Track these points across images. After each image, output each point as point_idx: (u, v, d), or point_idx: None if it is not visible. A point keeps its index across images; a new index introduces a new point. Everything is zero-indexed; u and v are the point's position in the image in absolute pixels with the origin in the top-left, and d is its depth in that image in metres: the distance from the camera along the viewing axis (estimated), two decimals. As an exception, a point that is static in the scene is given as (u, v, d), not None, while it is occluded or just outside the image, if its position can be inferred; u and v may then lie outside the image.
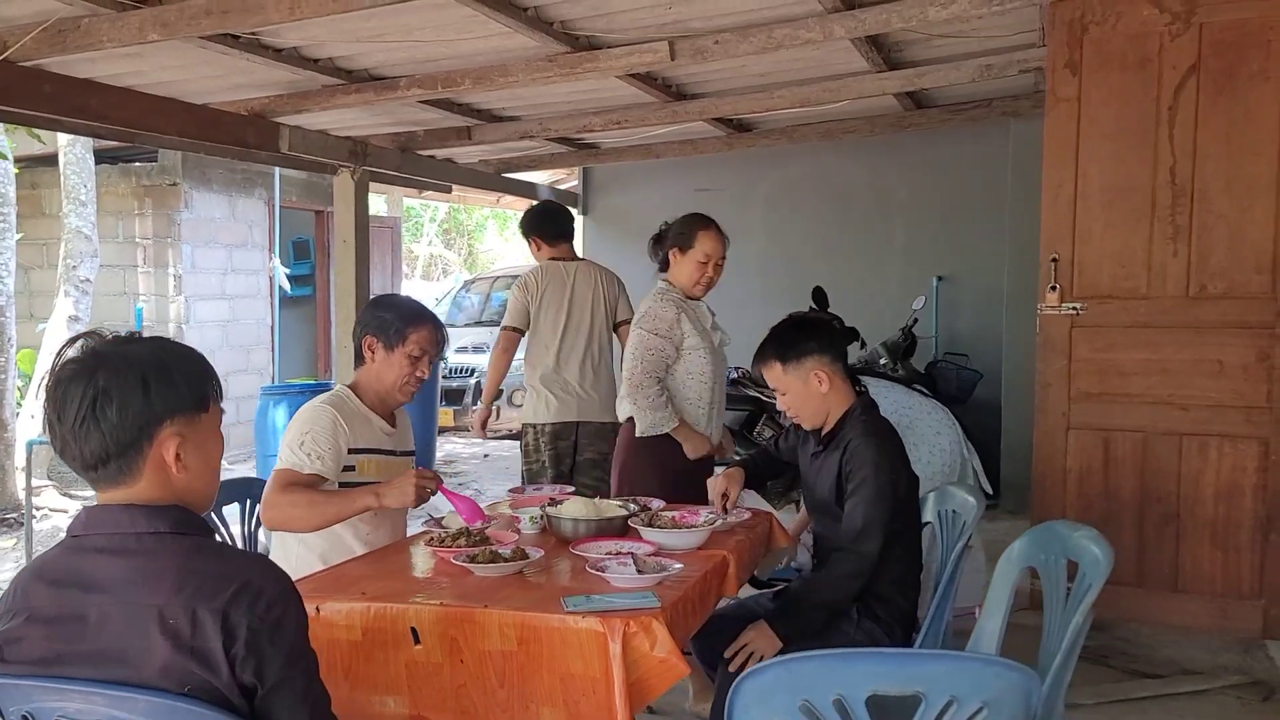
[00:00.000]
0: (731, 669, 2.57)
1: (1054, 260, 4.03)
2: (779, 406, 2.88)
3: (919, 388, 5.00)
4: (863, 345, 6.59)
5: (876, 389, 4.28)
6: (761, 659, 2.55)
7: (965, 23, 4.44)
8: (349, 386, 2.88)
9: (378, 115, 5.64)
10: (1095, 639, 3.95)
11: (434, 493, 2.64)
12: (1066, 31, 3.95)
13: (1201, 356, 3.91)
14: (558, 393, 4.49)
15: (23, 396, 7.74)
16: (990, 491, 4.64)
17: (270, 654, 1.47)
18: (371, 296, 4.34)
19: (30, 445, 6.41)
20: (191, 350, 1.63)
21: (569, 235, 4.78)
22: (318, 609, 2.16)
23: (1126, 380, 4.01)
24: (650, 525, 2.65)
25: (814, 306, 5.81)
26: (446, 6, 3.75)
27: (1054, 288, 4.03)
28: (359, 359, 2.87)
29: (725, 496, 2.96)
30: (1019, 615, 3.55)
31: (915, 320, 6.75)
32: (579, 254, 4.98)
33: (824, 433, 2.83)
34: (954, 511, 2.88)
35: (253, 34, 4.07)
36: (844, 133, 6.87)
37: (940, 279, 7.52)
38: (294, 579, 1.60)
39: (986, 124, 6.76)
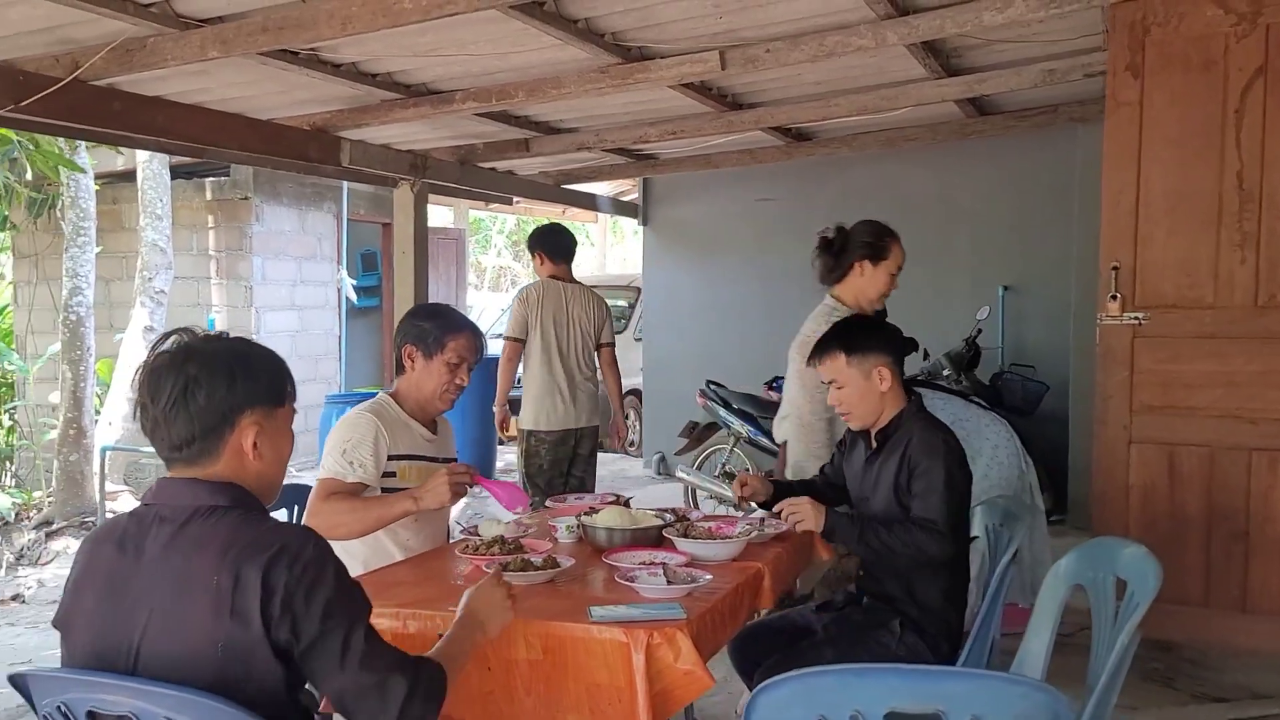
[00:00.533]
0: (782, 516, 2.67)
1: (1115, 268, 3.92)
2: (830, 400, 2.84)
3: (977, 400, 4.89)
4: (925, 356, 6.48)
5: (932, 400, 4.20)
6: (798, 526, 2.66)
7: (1025, 27, 4.34)
8: (390, 395, 2.92)
9: (438, 129, 5.72)
10: (1160, 660, 3.83)
11: (471, 485, 2.65)
12: (1128, 34, 3.85)
13: (1271, 368, 3.76)
14: (558, 403, 4.90)
15: (101, 404, 8.00)
16: (1045, 506, 4.52)
17: (304, 611, 1.57)
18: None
19: (105, 451, 6.63)
20: (272, 351, 1.81)
21: (570, 258, 5.15)
22: (349, 615, 2.19)
23: (1191, 393, 3.88)
24: (685, 536, 2.63)
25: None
26: (498, 20, 3.79)
27: (1115, 297, 3.92)
28: (399, 368, 2.91)
29: (745, 485, 2.94)
30: (1083, 635, 3.46)
31: (979, 331, 6.62)
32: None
33: (875, 432, 2.80)
34: (1001, 525, 2.81)
35: (311, 50, 4.17)
36: (905, 140, 6.78)
37: (1006, 289, 7.36)
38: None
39: (1053, 130, 6.60)
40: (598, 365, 5.12)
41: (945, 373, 6.40)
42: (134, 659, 1.60)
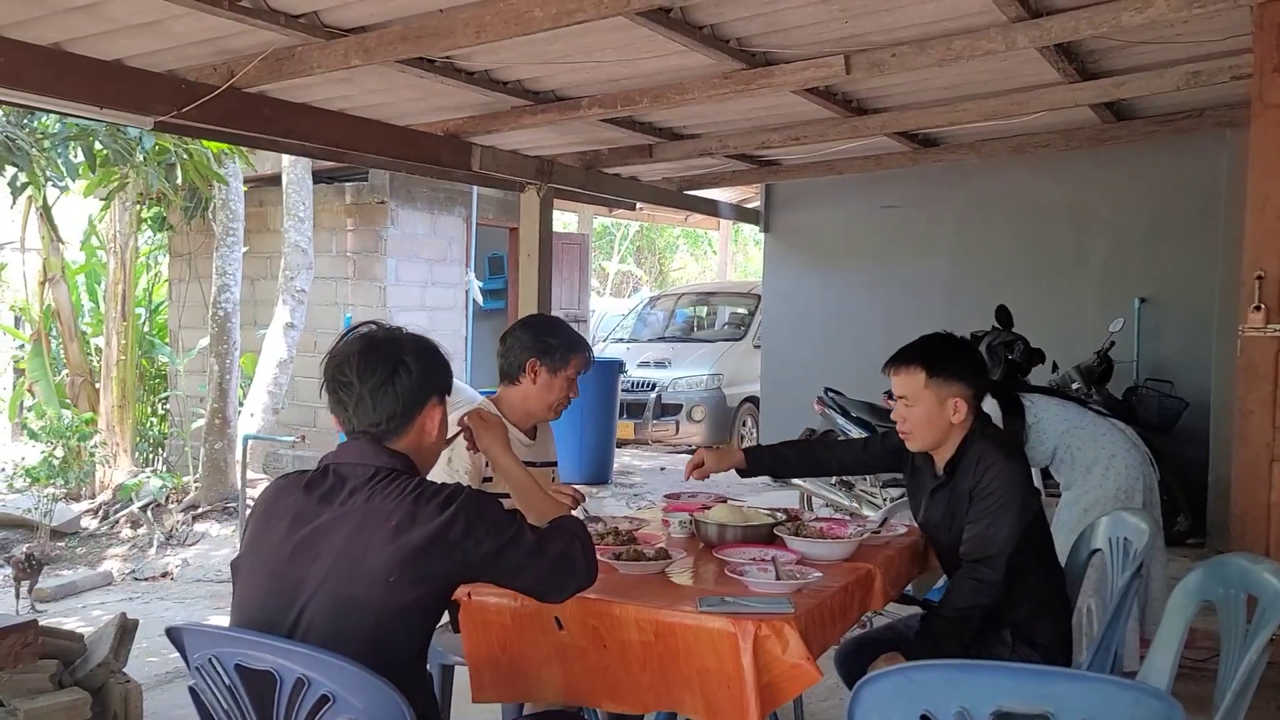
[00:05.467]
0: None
1: (1259, 277, 3.75)
2: (894, 415, 2.75)
3: (1097, 407, 4.73)
4: (1054, 368, 6.30)
5: (1047, 405, 4.11)
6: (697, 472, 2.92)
7: (1168, 27, 4.18)
8: (492, 399, 2.96)
9: (565, 135, 5.85)
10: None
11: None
12: (1276, 34, 3.68)
13: None
14: None
15: (244, 396, 8.44)
16: (1183, 528, 4.34)
17: (482, 525, 1.79)
18: (526, 316, 4.38)
19: (246, 440, 7.00)
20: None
21: None
22: (469, 595, 2.29)
23: (1342, 409, 3.67)
24: (796, 534, 2.64)
25: (997, 326, 5.59)
26: (625, 28, 3.86)
27: (1259, 307, 3.74)
28: (508, 377, 2.93)
29: (698, 468, 2.97)
30: (1217, 662, 3.31)
31: (1112, 343, 6.40)
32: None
33: (944, 461, 2.72)
34: (1125, 539, 2.73)
35: (446, 58, 4.33)
36: (1037, 147, 6.58)
37: (1143, 300, 7.10)
38: None
39: (1198, 135, 6.34)
40: None
41: (1074, 386, 6.22)
42: (310, 591, 1.75)
